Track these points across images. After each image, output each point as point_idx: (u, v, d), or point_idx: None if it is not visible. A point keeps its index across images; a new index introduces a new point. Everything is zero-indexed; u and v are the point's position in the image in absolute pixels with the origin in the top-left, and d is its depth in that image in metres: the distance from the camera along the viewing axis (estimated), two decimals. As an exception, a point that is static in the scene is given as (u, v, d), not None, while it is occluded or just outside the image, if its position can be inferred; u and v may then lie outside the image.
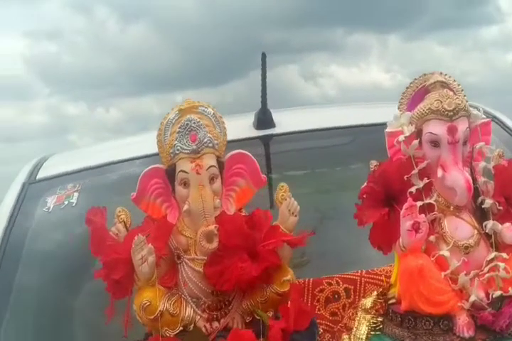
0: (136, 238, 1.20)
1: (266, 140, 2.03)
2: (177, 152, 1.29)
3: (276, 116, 2.01)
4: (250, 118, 2.03)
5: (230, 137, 1.35)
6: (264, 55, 1.85)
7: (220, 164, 1.31)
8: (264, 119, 1.99)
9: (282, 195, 1.32)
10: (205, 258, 1.23)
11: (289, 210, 1.30)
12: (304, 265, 1.64)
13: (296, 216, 1.30)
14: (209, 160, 1.29)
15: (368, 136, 1.39)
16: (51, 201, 1.89)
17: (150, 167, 1.33)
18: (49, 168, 2.07)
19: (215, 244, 1.23)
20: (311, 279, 1.55)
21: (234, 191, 1.33)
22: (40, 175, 2.02)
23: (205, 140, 1.28)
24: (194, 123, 1.28)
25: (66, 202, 1.86)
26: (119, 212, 1.31)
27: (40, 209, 1.88)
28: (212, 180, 1.28)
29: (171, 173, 1.30)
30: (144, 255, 1.20)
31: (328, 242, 1.72)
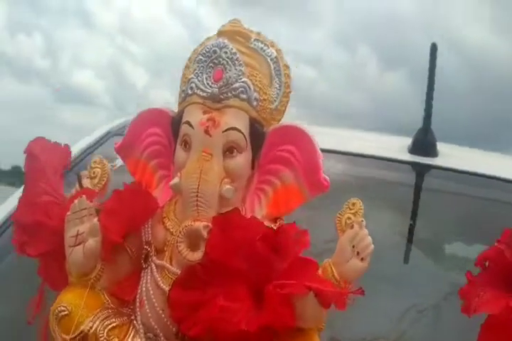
0: (76, 201, 0.74)
1: (419, 169, 1.46)
2: (189, 92, 0.80)
3: (442, 146, 1.44)
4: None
5: (367, 152, 0.88)
6: (434, 46, 1.31)
7: (258, 135, 0.81)
8: (422, 142, 1.41)
9: (349, 218, 0.79)
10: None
11: (353, 247, 0.77)
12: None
13: (363, 260, 0.77)
14: (233, 119, 0.78)
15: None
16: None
17: (151, 108, 0.86)
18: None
19: (198, 254, 0.73)
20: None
21: (271, 185, 0.82)
22: None
23: (236, 85, 0.78)
24: (225, 52, 0.78)
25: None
26: (95, 162, 0.85)
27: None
28: (230, 151, 0.78)
29: (178, 124, 0.81)
30: (81, 232, 0.73)
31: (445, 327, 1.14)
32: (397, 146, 1.47)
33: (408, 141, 1.45)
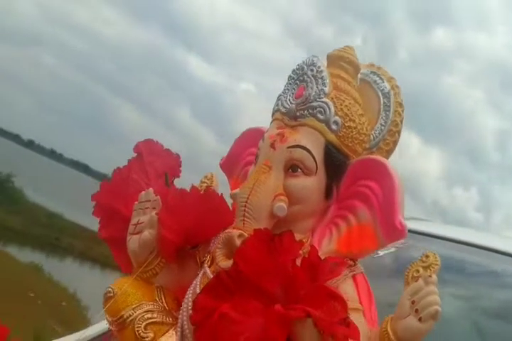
0: (143, 193, 0.79)
1: None
2: (275, 108, 0.81)
3: None
4: None
5: None
6: None
7: (335, 162, 0.77)
8: None
9: (417, 271, 0.72)
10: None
11: (413, 303, 0.68)
12: None
13: (421, 320, 0.68)
14: (303, 137, 0.76)
15: None
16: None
17: (253, 127, 0.88)
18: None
19: (230, 262, 0.72)
20: None
21: (346, 222, 0.77)
22: None
23: (315, 104, 0.76)
24: (311, 70, 0.78)
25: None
26: (205, 177, 0.89)
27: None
28: (293, 169, 0.76)
29: None
30: (140, 221, 0.78)
31: None
32: None
33: None
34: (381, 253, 1.45)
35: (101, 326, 1.50)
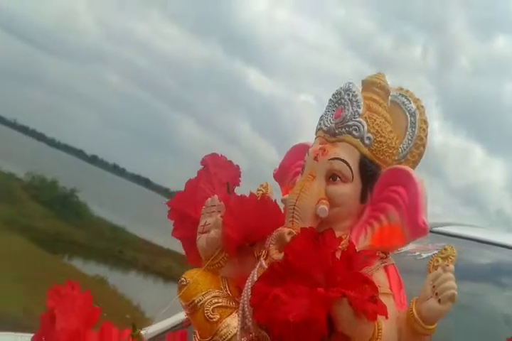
0: (209, 199, 0.95)
1: None
2: (319, 126, 0.97)
3: None
4: None
5: None
6: None
7: (369, 171, 0.92)
8: None
9: (437, 261, 0.85)
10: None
11: (434, 287, 0.82)
12: None
13: (441, 302, 0.81)
14: (341, 151, 0.91)
15: None
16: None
17: (301, 142, 1.04)
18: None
19: (282, 255, 0.87)
20: None
21: (379, 222, 0.92)
22: None
23: (350, 123, 0.91)
24: (348, 94, 0.93)
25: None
26: (261, 186, 1.05)
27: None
28: (333, 178, 0.91)
29: None
30: (208, 223, 0.95)
31: None
32: None
33: None
34: (424, 255, 1.59)
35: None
